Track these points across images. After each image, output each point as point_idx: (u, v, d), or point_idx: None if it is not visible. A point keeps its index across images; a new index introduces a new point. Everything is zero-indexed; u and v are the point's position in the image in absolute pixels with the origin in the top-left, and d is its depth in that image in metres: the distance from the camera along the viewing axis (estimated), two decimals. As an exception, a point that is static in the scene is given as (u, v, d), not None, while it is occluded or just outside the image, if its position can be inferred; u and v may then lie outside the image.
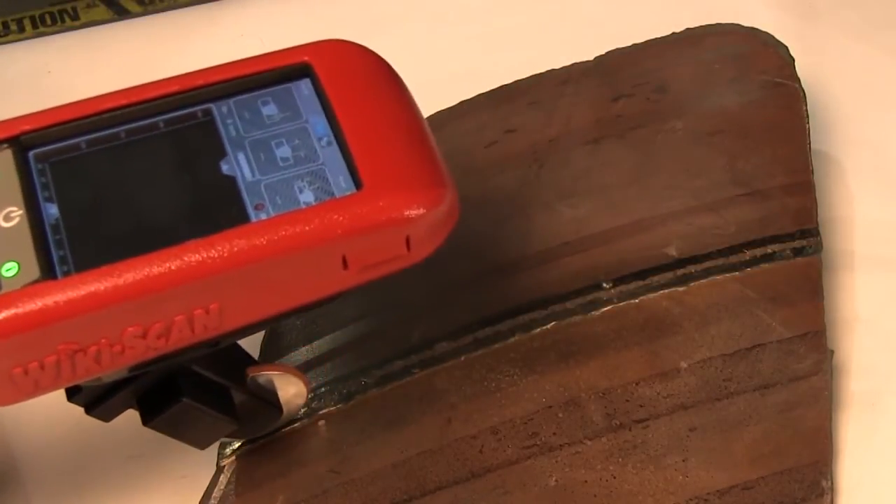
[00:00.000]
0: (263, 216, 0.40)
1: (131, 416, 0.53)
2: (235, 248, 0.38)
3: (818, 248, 0.53)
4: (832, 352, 0.50)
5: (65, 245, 0.39)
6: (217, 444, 0.50)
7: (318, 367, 0.52)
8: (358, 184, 0.40)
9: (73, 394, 0.43)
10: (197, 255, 0.38)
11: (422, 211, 0.40)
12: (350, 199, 0.40)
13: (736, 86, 0.59)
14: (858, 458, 0.49)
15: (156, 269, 0.38)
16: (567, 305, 0.52)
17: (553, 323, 0.52)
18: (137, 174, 0.40)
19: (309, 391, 0.49)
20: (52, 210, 0.39)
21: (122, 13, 0.71)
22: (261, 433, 0.50)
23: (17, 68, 0.69)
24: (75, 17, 0.70)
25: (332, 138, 0.41)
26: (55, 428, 0.53)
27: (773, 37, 0.61)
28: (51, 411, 0.47)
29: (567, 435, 0.48)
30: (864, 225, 0.58)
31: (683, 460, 0.47)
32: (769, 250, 0.53)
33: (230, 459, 0.50)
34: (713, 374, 0.49)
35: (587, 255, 0.53)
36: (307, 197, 0.40)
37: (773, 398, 0.49)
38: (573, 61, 0.62)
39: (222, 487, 0.49)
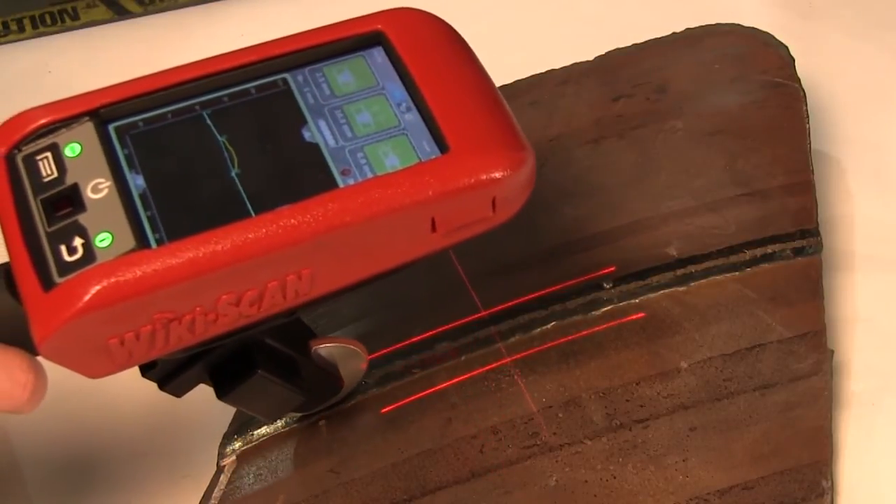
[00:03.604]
0: (351, 181, 0.40)
1: (132, 416, 0.53)
2: (329, 213, 0.39)
3: (818, 248, 0.53)
4: (832, 352, 0.50)
5: (155, 214, 0.39)
6: (216, 444, 0.50)
7: (319, 367, 0.52)
8: (443, 147, 0.41)
9: (147, 369, 0.43)
10: (292, 221, 0.38)
11: (509, 172, 0.40)
12: (439, 161, 0.40)
13: (736, 86, 0.59)
14: (858, 458, 0.49)
15: (251, 236, 0.38)
16: (567, 305, 0.52)
17: (553, 323, 0.52)
18: (218, 144, 0.41)
19: (368, 363, 0.49)
20: (138, 181, 0.39)
21: (122, 13, 0.71)
22: (323, 406, 0.50)
23: (18, 68, 0.69)
24: (75, 17, 0.70)
25: (412, 104, 0.42)
26: (56, 427, 0.53)
27: (773, 37, 0.61)
28: (51, 411, 0.47)
29: (567, 435, 0.48)
30: (864, 225, 0.58)
31: (684, 460, 0.47)
32: (769, 250, 0.53)
33: (230, 459, 0.50)
34: (713, 374, 0.49)
35: (588, 255, 0.53)
36: (393, 161, 0.41)
37: (773, 398, 0.49)
38: (573, 61, 0.62)
39: (222, 487, 0.49)
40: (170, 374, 0.43)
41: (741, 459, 0.47)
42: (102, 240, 0.38)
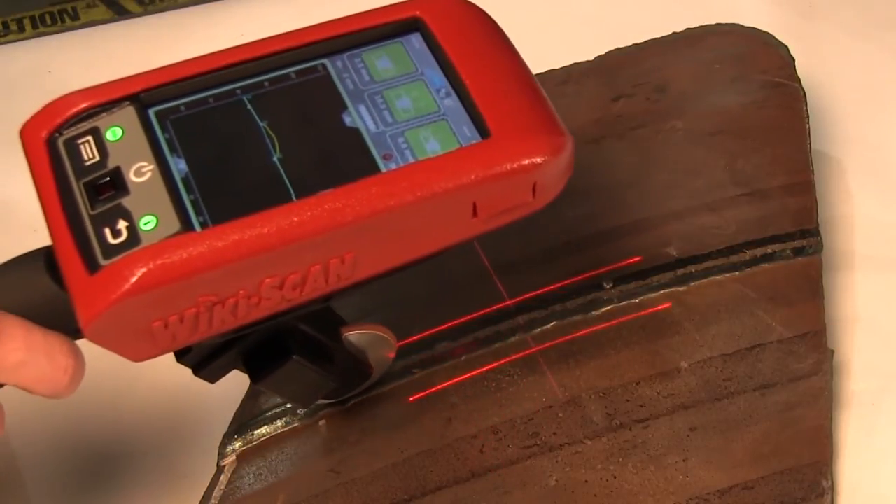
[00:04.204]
0: (393, 166, 0.40)
1: (132, 416, 0.53)
2: (372, 197, 0.39)
3: (818, 248, 0.53)
4: (832, 352, 0.50)
5: (198, 198, 0.39)
6: (216, 444, 0.50)
7: (319, 367, 0.52)
8: (484, 132, 0.41)
9: (181, 354, 0.43)
10: (336, 205, 0.38)
11: (549, 157, 0.41)
12: (481, 146, 0.41)
13: (736, 86, 0.59)
14: (858, 458, 0.49)
15: (296, 219, 0.38)
16: (567, 305, 0.52)
17: (553, 323, 0.52)
18: (259, 128, 0.41)
19: (395, 351, 0.49)
20: (180, 165, 0.40)
21: (122, 13, 0.71)
22: (353, 392, 0.50)
23: (18, 68, 0.69)
24: (75, 17, 0.70)
25: (451, 90, 0.42)
26: (55, 428, 0.53)
27: (773, 37, 0.61)
28: (51, 411, 0.47)
29: (567, 435, 0.48)
30: (864, 225, 0.58)
31: (684, 460, 0.47)
32: (769, 250, 0.53)
33: (230, 459, 0.50)
34: (713, 374, 0.49)
35: (587, 255, 0.53)
36: (434, 146, 0.41)
37: (773, 398, 0.49)
38: (573, 61, 0.62)
39: (222, 487, 0.49)
40: (204, 359, 0.43)
41: (741, 459, 0.47)
42: (147, 223, 0.38)
